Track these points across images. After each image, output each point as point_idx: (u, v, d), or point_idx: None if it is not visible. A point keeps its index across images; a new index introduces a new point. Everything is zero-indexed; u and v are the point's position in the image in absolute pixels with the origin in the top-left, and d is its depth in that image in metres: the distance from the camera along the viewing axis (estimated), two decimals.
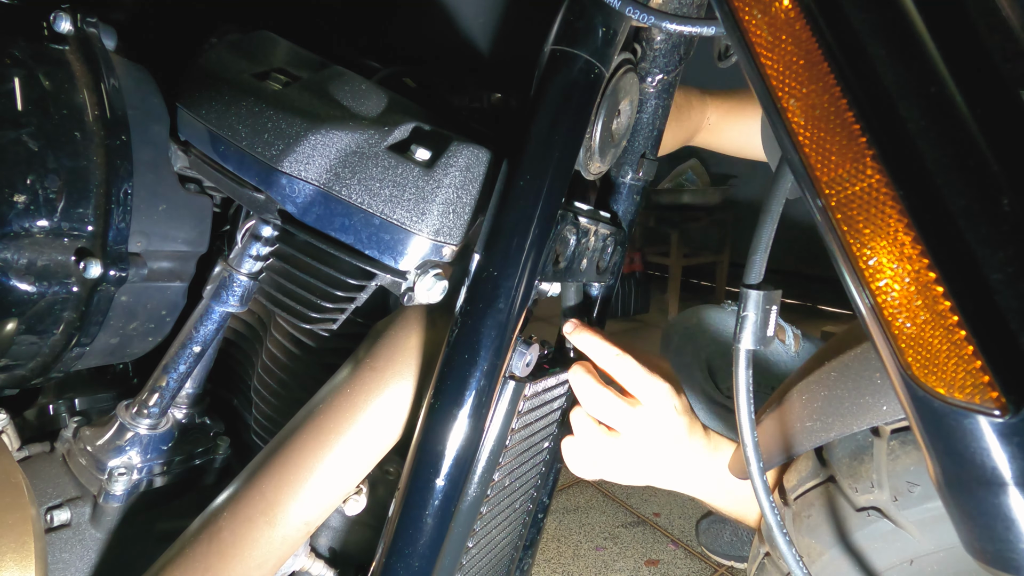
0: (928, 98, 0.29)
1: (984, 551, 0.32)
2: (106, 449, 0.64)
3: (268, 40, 0.63)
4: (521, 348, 0.48)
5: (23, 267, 0.52)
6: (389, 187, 0.50)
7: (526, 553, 0.73)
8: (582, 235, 0.53)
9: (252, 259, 0.58)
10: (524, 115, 0.46)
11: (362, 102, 0.55)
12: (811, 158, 0.32)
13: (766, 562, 0.67)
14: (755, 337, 0.47)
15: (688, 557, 1.52)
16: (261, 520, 0.52)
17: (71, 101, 0.54)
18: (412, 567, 0.48)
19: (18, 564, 0.43)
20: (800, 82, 0.31)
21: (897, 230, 0.30)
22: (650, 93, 0.59)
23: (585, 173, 0.54)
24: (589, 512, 1.67)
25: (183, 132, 0.59)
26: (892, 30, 0.29)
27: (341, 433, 0.53)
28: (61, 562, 0.60)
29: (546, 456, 0.63)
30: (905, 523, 0.54)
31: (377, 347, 0.56)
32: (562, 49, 0.45)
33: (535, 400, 0.53)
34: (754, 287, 0.47)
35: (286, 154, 0.51)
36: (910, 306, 0.30)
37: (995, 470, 0.30)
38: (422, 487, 0.47)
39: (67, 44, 0.56)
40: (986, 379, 0.29)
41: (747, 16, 0.32)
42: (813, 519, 0.62)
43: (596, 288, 0.66)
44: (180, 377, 0.63)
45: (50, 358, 0.59)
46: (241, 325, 0.76)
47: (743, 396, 0.46)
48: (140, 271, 0.58)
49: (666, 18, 0.45)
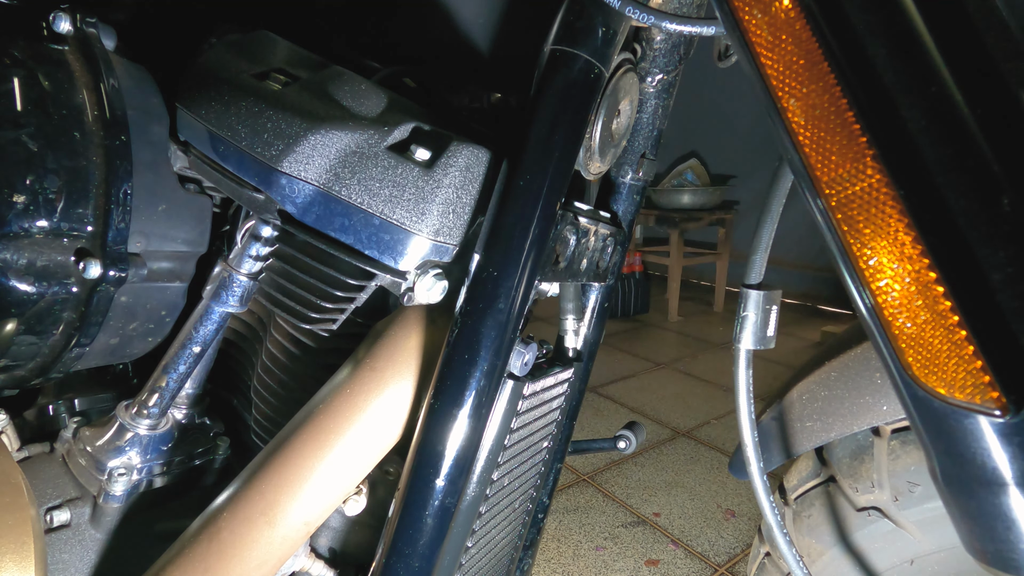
0: (928, 98, 0.29)
1: (984, 551, 0.32)
2: (106, 449, 0.64)
3: (268, 40, 0.62)
4: (520, 348, 0.48)
5: (23, 267, 0.52)
6: (389, 187, 0.50)
7: (526, 553, 0.73)
8: (582, 235, 0.53)
9: (252, 259, 0.58)
10: (524, 115, 0.46)
11: (362, 102, 0.55)
12: (811, 158, 0.32)
13: (766, 562, 0.67)
14: (755, 337, 0.47)
15: (688, 557, 1.52)
16: (261, 520, 0.52)
17: (71, 101, 0.54)
18: (412, 567, 0.48)
19: (18, 564, 0.43)
20: (800, 82, 0.31)
21: (897, 230, 0.30)
22: (650, 93, 0.59)
23: (585, 173, 0.54)
24: (589, 512, 1.67)
25: (183, 132, 0.59)
26: (892, 30, 0.29)
27: (341, 433, 0.53)
28: (61, 562, 0.60)
29: (545, 456, 0.63)
30: (905, 523, 0.54)
31: (377, 347, 0.56)
32: (562, 49, 0.45)
33: (534, 400, 0.53)
34: (754, 287, 0.47)
35: (286, 154, 0.51)
36: (910, 306, 0.30)
37: (995, 470, 0.30)
38: (422, 487, 0.47)
39: (67, 44, 0.56)
40: (987, 379, 0.29)
41: (747, 16, 0.32)
42: (813, 519, 0.62)
43: (596, 288, 0.66)
44: (180, 377, 0.63)
45: (50, 358, 0.59)
46: (241, 325, 0.76)
47: (743, 396, 0.46)
48: (140, 271, 0.58)
49: (666, 18, 0.44)
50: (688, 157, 4.10)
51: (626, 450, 0.79)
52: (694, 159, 4.07)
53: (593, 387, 2.61)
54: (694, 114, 3.86)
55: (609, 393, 2.57)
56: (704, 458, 2.00)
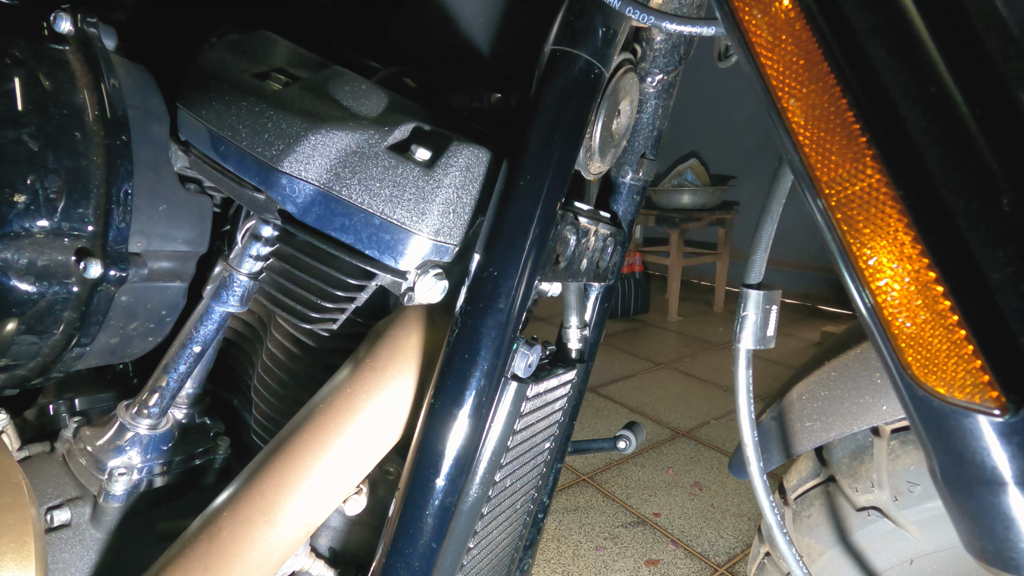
0: (928, 98, 0.29)
1: (984, 550, 0.32)
2: (106, 449, 0.64)
3: (268, 40, 0.63)
4: (524, 349, 0.48)
5: (23, 267, 0.52)
6: (389, 187, 0.50)
7: (526, 553, 0.73)
8: (582, 235, 0.53)
9: (252, 259, 0.58)
10: (524, 115, 0.46)
11: (362, 102, 0.55)
12: (811, 158, 0.32)
13: (766, 562, 0.67)
14: (755, 337, 0.47)
15: (688, 557, 1.52)
16: (261, 520, 0.52)
17: (71, 101, 0.55)
18: (412, 567, 0.48)
19: (18, 564, 0.43)
20: (800, 82, 0.31)
21: (897, 230, 0.30)
22: (650, 93, 0.59)
23: (585, 173, 0.54)
24: (589, 512, 1.67)
25: (183, 132, 0.59)
26: (892, 30, 0.29)
27: (341, 433, 0.53)
28: (61, 562, 0.60)
29: (547, 456, 0.63)
30: (905, 523, 0.54)
31: (377, 347, 0.56)
32: (562, 49, 0.45)
33: (537, 401, 0.53)
34: (754, 287, 0.47)
35: (286, 154, 0.51)
36: (910, 306, 0.30)
37: (995, 470, 0.30)
38: (422, 487, 0.47)
39: (67, 44, 0.56)
40: (986, 379, 0.29)
41: (747, 16, 0.32)
42: (813, 519, 0.62)
43: (596, 288, 0.66)
44: (180, 377, 0.63)
45: (50, 358, 0.59)
46: (241, 325, 0.76)
47: (743, 396, 0.46)
48: (140, 271, 0.58)
49: (666, 18, 0.45)
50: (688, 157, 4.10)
51: (626, 450, 0.79)
52: (694, 159, 4.07)
53: (593, 387, 2.61)
54: (694, 114, 3.86)
55: (609, 393, 2.57)
56: (704, 458, 2.00)
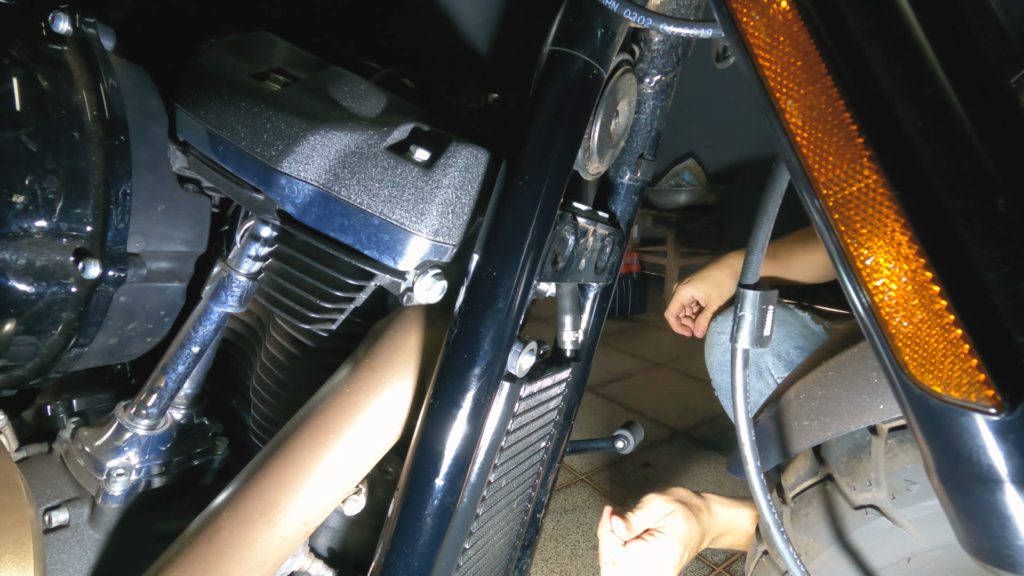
0: (925, 99, 0.29)
1: (980, 548, 0.32)
2: (104, 450, 0.63)
3: (267, 40, 0.63)
4: (517, 349, 0.48)
5: (22, 267, 0.52)
6: (388, 187, 0.50)
7: (524, 553, 0.73)
8: (580, 235, 0.54)
9: (251, 259, 0.58)
10: (523, 116, 0.46)
11: (361, 102, 0.55)
12: (809, 159, 0.32)
13: (764, 560, 0.68)
14: (752, 337, 0.47)
15: None
16: (260, 520, 0.52)
17: (70, 101, 0.54)
18: (412, 567, 0.48)
19: (17, 565, 0.43)
20: (798, 83, 0.32)
21: (894, 230, 0.30)
22: (648, 94, 0.59)
23: (584, 173, 0.54)
24: (587, 511, 1.67)
25: (182, 132, 0.59)
26: (889, 32, 0.29)
27: (340, 433, 0.53)
28: (59, 563, 0.60)
29: (544, 456, 0.63)
30: (903, 521, 0.54)
31: (376, 347, 0.56)
32: (561, 50, 0.46)
33: (531, 401, 0.53)
34: (751, 287, 0.47)
35: (285, 154, 0.51)
36: (907, 305, 0.30)
37: (991, 468, 0.30)
38: (421, 487, 0.47)
39: (65, 44, 0.56)
40: (982, 377, 0.29)
41: (745, 18, 0.33)
42: (811, 517, 0.62)
43: (594, 288, 0.66)
44: (179, 377, 0.63)
45: (48, 359, 0.59)
46: (240, 325, 0.76)
47: (740, 396, 0.46)
48: (139, 271, 0.58)
49: (664, 20, 0.45)
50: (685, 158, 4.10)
51: (624, 450, 0.79)
52: (691, 159, 4.07)
53: (591, 387, 2.61)
54: (692, 115, 3.86)
55: (607, 393, 2.57)
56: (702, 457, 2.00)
